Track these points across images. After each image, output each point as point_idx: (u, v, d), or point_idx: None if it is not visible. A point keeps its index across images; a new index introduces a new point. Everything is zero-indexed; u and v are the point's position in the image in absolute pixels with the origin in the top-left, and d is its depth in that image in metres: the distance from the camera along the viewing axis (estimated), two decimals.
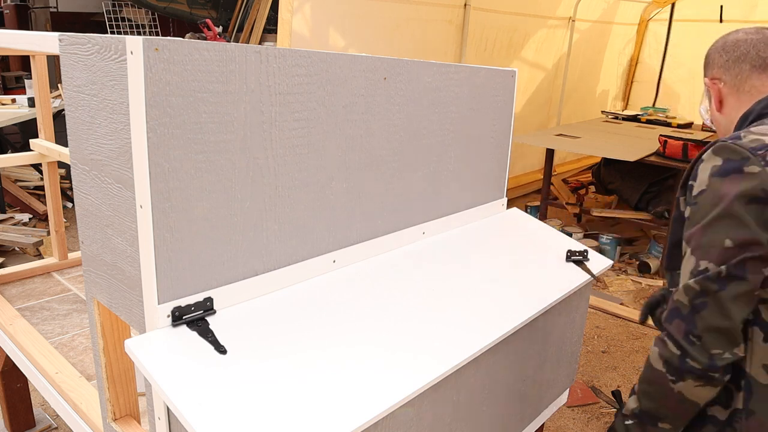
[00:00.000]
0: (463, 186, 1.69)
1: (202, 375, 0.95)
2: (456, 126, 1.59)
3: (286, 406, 0.94)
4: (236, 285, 1.12)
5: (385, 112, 1.36)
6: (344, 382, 1.02)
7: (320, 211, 1.26)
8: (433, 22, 4.44)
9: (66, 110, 1.14)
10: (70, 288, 2.21)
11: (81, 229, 1.19)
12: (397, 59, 1.35)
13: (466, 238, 1.66)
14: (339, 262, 1.34)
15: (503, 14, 5.02)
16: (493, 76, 1.69)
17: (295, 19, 3.49)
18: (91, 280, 1.20)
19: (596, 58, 6.52)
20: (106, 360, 1.24)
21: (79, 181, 1.15)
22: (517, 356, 1.46)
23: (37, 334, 1.83)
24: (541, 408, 1.70)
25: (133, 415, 1.31)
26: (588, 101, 6.64)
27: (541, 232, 1.84)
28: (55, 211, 2.26)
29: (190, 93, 0.97)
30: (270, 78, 1.08)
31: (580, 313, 1.77)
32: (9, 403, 2.17)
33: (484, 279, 1.48)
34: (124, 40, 0.93)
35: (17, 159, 2.24)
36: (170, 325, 1.02)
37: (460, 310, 1.32)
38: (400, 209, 1.48)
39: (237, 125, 1.05)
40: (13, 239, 3.62)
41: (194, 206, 1.02)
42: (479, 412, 1.37)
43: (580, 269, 1.67)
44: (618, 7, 6.44)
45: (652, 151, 3.95)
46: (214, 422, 0.88)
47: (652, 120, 5.52)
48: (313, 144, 1.20)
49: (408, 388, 1.05)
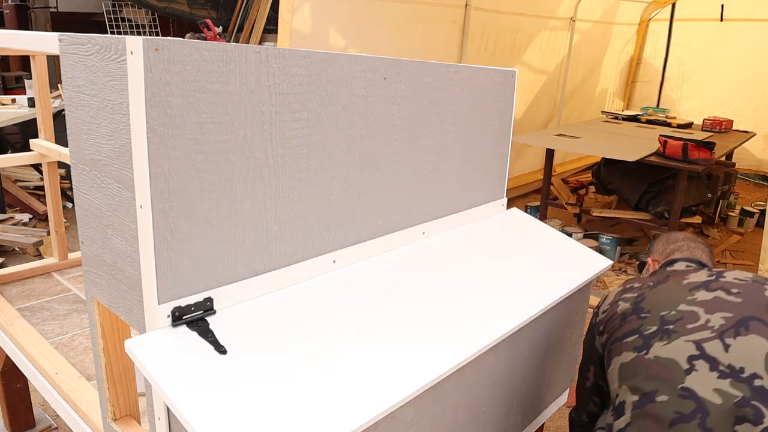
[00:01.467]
0: (463, 186, 1.69)
1: (202, 375, 0.95)
2: (456, 126, 1.59)
3: (285, 406, 0.94)
4: (236, 285, 1.12)
5: (385, 112, 1.36)
6: (344, 382, 1.02)
7: (320, 211, 1.26)
8: (433, 22, 4.44)
9: (66, 110, 1.14)
10: (70, 288, 2.21)
11: (81, 229, 1.19)
12: (397, 59, 1.35)
13: (466, 239, 1.66)
14: (339, 262, 1.34)
15: (504, 14, 5.02)
16: (494, 77, 1.69)
17: (295, 18, 3.49)
18: (91, 280, 1.20)
19: (596, 58, 6.52)
20: (106, 360, 1.24)
21: (79, 181, 1.15)
22: (517, 356, 1.46)
23: (37, 334, 1.83)
24: (541, 408, 1.70)
25: (133, 415, 1.31)
26: (588, 101, 6.64)
27: (541, 232, 1.84)
28: (55, 211, 2.26)
29: (190, 93, 0.97)
30: (270, 78, 1.08)
31: (580, 313, 1.77)
32: (9, 403, 2.17)
33: (483, 279, 1.48)
34: (124, 40, 0.93)
35: (17, 159, 2.24)
36: (170, 325, 1.02)
37: (460, 310, 1.32)
38: (400, 209, 1.48)
39: (237, 125, 1.05)
40: (13, 239, 3.62)
41: (194, 206, 1.02)
42: (479, 412, 1.37)
43: (580, 269, 1.67)
44: (618, 8, 6.44)
45: (652, 151, 3.95)
46: (214, 422, 0.88)
47: (652, 120, 5.52)
48: (313, 144, 1.20)
49: (408, 389, 1.05)
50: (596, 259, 1.76)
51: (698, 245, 1.58)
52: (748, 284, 1.30)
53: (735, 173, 5.05)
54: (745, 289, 1.28)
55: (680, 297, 1.31)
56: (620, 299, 1.42)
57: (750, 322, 1.20)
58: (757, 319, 1.21)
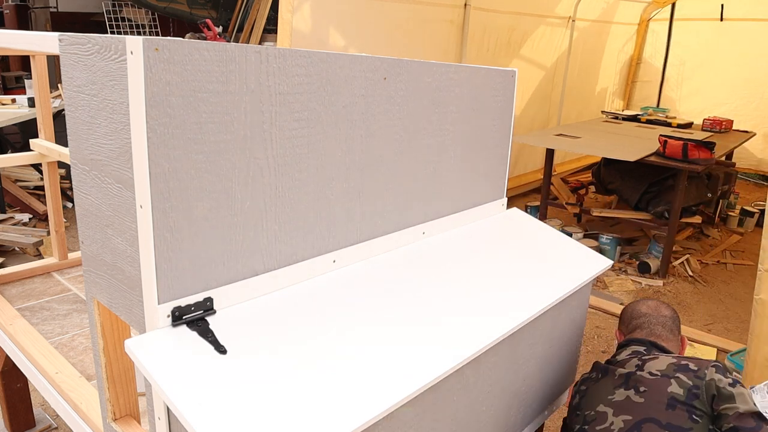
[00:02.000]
0: (463, 186, 1.69)
1: (202, 375, 0.95)
2: (456, 126, 1.59)
3: (285, 406, 0.94)
4: (236, 285, 1.12)
5: (385, 112, 1.36)
6: (344, 382, 1.02)
7: (320, 211, 1.26)
8: (433, 22, 4.44)
9: (66, 110, 1.14)
10: (70, 288, 2.21)
11: (81, 229, 1.19)
12: (397, 59, 1.35)
13: (466, 239, 1.66)
14: (339, 262, 1.34)
15: (503, 14, 5.02)
16: (493, 76, 1.69)
17: (295, 18, 3.49)
18: (91, 280, 1.20)
19: (596, 57, 6.52)
20: (106, 360, 1.24)
21: (79, 181, 1.15)
22: (517, 356, 1.46)
23: (37, 334, 1.83)
24: (541, 408, 1.70)
25: (133, 415, 1.31)
26: (588, 101, 6.64)
27: (541, 232, 1.84)
28: (55, 211, 2.26)
29: (190, 93, 0.97)
30: (270, 78, 1.08)
31: (580, 313, 1.77)
32: (9, 403, 2.17)
33: (483, 279, 1.48)
34: (124, 40, 0.93)
35: (17, 159, 2.24)
36: (170, 325, 1.02)
37: (460, 310, 1.32)
38: (400, 209, 1.48)
39: (237, 125, 1.05)
40: (13, 239, 3.62)
41: (194, 206, 1.02)
42: (479, 412, 1.37)
43: (580, 269, 1.67)
44: (618, 7, 6.44)
45: (652, 151, 3.95)
46: (214, 422, 0.88)
47: (652, 120, 5.52)
48: (313, 144, 1.20)
49: (408, 389, 1.05)
50: (596, 259, 1.76)
51: (659, 320, 1.70)
52: (656, 380, 1.42)
53: (735, 173, 5.06)
54: (651, 387, 1.41)
55: (603, 396, 1.49)
56: (577, 390, 1.61)
57: (644, 425, 1.35)
58: (652, 420, 1.35)
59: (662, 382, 1.40)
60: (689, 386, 1.37)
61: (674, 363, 1.44)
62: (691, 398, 1.35)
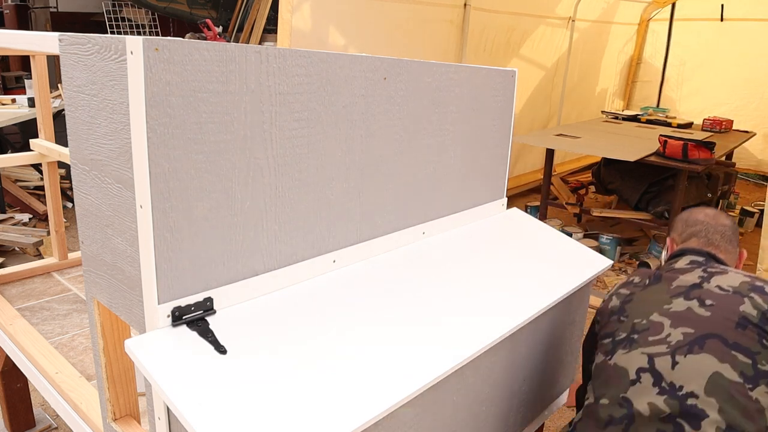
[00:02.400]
0: (463, 186, 1.69)
1: (202, 375, 0.95)
2: (456, 126, 1.59)
3: (285, 406, 0.94)
4: (236, 285, 1.12)
5: (385, 112, 1.36)
6: (344, 382, 1.02)
7: (320, 211, 1.26)
8: (433, 22, 4.44)
9: (66, 110, 1.14)
10: (70, 288, 2.21)
11: (81, 229, 1.19)
12: (397, 59, 1.35)
13: (466, 239, 1.66)
14: (339, 262, 1.34)
15: (503, 14, 5.02)
16: (493, 76, 1.69)
17: (294, 18, 3.49)
18: (91, 280, 1.20)
19: (596, 57, 6.52)
20: (106, 360, 1.24)
21: (79, 181, 1.15)
22: (517, 356, 1.46)
23: (37, 334, 1.83)
24: (541, 408, 1.70)
25: (133, 415, 1.31)
26: (588, 101, 6.64)
27: (541, 232, 1.84)
28: (55, 211, 2.26)
29: (190, 93, 0.97)
30: (270, 78, 1.08)
31: (580, 313, 1.77)
32: (9, 403, 2.17)
33: (483, 279, 1.48)
34: (124, 40, 0.93)
35: (17, 159, 2.24)
36: (170, 325, 1.02)
37: (460, 310, 1.32)
38: (400, 209, 1.48)
39: (237, 125, 1.05)
40: (13, 239, 3.62)
41: (194, 206, 1.02)
42: (479, 412, 1.37)
43: (580, 269, 1.67)
44: (618, 7, 6.44)
45: (652, 151, 3.95)
46: (214, 422, 0.88)
47: (652, 120, 5.52)
48: (313, 144, 1.20)
49: (408, 389, 1.05)
50: (596, 259, 1.76)
51: (717, 228, 1.55)
52: (726, 296, 1.31)
53: (735, 173, 5.05)
54: (719, 302, 1.30)
55: (657, 305, 1.36)
56: (615, 293, 1.50)
57: (707, 340, 1.24)
58: (717, 336, 1.24)
59: (734, 299, 1.29)
60: (765, 309, 1.27)
61: (748, 282, 1.33)
62: (765, 322, 1.25)
